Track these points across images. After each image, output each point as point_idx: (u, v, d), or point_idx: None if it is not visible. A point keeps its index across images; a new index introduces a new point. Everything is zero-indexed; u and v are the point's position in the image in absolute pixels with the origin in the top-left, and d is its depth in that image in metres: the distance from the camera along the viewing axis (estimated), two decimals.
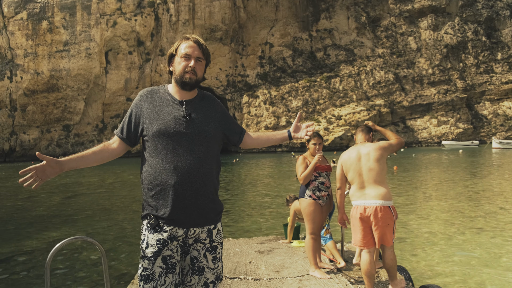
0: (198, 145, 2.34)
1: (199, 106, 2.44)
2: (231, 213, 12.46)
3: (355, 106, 76.84)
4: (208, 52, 2.46)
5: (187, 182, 2.28)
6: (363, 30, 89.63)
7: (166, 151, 2.29)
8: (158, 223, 2.28)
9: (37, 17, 71.22)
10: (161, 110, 2.36)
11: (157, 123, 2.32)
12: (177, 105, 2.39)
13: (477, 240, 8.42)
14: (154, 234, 2.28)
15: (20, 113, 69.69)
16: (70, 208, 14.59)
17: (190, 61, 2.37)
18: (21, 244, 9.23)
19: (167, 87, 2.49)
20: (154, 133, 2.31)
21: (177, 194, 2.26)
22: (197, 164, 2.31)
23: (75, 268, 7.29)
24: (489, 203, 12.73)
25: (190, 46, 2.38)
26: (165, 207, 2.27)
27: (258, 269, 5.16)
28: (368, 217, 4.09)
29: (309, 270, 4.94)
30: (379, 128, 4.72)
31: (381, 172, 4.20)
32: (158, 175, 2.29)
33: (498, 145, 57.81)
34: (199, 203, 2.32)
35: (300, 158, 4.92)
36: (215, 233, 2.42)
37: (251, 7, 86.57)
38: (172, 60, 2.47)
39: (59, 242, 3.19)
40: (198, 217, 2.33)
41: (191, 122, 2.35)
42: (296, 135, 2.69)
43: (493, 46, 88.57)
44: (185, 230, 2.31)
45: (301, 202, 4.87)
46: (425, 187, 17.60)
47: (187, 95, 2.44)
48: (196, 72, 2.38)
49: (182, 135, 2.31)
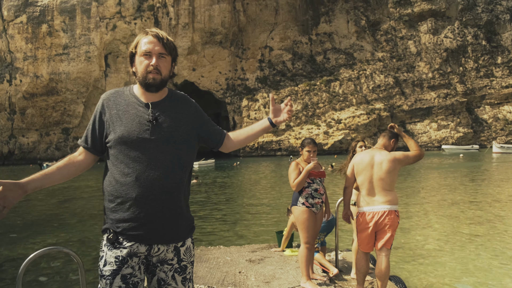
0: (165, 153, 2.10)
1: (168, 108, 2.18)
2: (227, 219, 12.28)
3: (355, 110, 76.70)
4: (172, 45, 2.19)
5: (151, 195, 2.05)
6: (363, 34, 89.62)
7: (128, 159, 2.06)
8: (117, 238, 2.07)
9: (37, 20, 71.22)
10: (124, 114, 2.12)
11: (119, 129, 2.09)
12: (143, 108, 2.14)
13: (476, 249, 8.23)
14: (112, 250, 2.07)
15: (19, 116, 69.60)
16: (65, 213, 14.41)
17: (151, 59, 2.11)
18: (16, 249, 9.04)
19: (132, 88, 2.24)
20: (116, 140, 2.08)
21: (139, 208, 2.04)
22: (163, 175, 2.07)
23: (53, 279, 7.06)
24: (489, 211, 12.54)
25: (150, 42, 2.12)
26: (124, 222, 2.06)
27: (248, 279, 4.97)
28: (376, 222, 4.16)
29: (300, 282, 4.74)
30: (403, 134, 4.59)
31: (391, 183, 4.25)
32: (119, 186, 2.07)
33: (499, 149, 57.55)
34: (165, 217, 2.09)
35: (292, 164, 4.73)
36: (184, 252, 2.19)
37: (250, 10, 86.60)
38: (133, 60, 2.20)
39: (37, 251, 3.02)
40: (163, 233, 2.10)
41: (158, 127, 2.10)
42: (278, 119, 2.38)
43: (493, 50, 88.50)
44: (148, 247, 2.09)
45: (294, 210, 4.69)
46: (424, 193, 17.42)
47: (154, 96, 2.19)
48: (160, 70, 2.12)
49: (147, 142, 2.07)
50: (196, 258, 5.97)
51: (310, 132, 73.10)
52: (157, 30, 2.17)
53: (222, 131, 2.43)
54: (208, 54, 80.00)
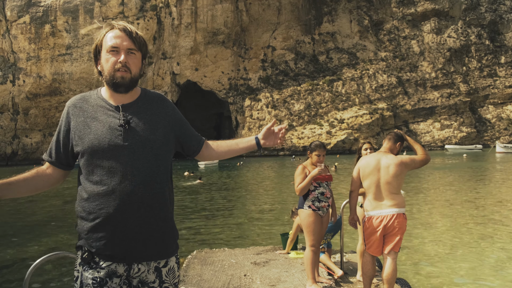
0: (142, 159, 1.87)
1: (141, 110, 1.95)
2: (231, 220, 12.27)
3: (358, 110, 76.59)
4: (142, 40, 1.94)
5: (128, 209, 1.84)
6: (366, 33, 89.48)
7: (101, 170, 1.85)
8: (92, 257, 1.86)
9: (40, 20, 71.42)
10: (93, 120, 1.89)
11: (88, 137, 1.86)
12: (113, 112, 1.91)
13: (481, 250, 8.18)
14: (89, 271, 1.86)
15: (22, 117, 69.82)
16: (68, 214, 14.43)
17: (119, 55, 1.87)
18: (19, 251, 9.06)
19: (100, 91, 2.00)
20: (86, 150, 1.86)
21: (115, 224, 1.84)
22: (141, 184, 1.85)
23: (59, 283, 7.06)
24: (494, 212, 12.48)
25: (117, 36, 1.88)
26: (99, 240, 1.85)
27: (253, 283, 4.95)
28: (385, 226, 4.14)
29: (306, 285, 4.72)
30: (408, 139, 4.57)
31: (398, 186, 4.25)
32: (92, 200, 1.85)
33: (502, 149, 57.34)
34: (144, 233, 1.88)
35: (299, 167, 4.70)
36: (166, 272, 1.95)
37: (253, 10, 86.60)
38: (98, 57, 1.94)
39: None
40: (143, 250, 1.88)
41: (131, 132, 1.87)
42: (267, 143, 2.17)
43: (496, 49, 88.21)
44: (127, 267, 1.88)
45: (300, 213, 4.67)
46: (428, 193, 17.36)
47: (125, 98, 1.94)
48: (129, 68, 1.88)
49: (120, 149, 1.84)
50: (200, 260, 5.95)
51: (313, 132, 73.03)
52: (125, 23, 1.94)
53: (200, 137, 2.21)
54: (211, 54, 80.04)
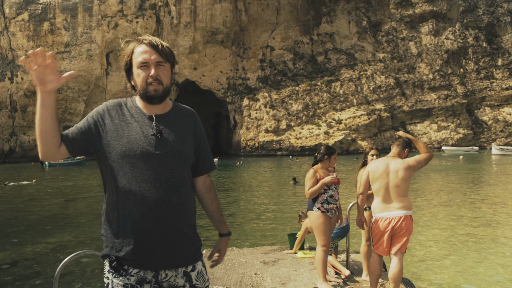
0: (170, 169, 1.95)
1: (172, 122, 2.04)
2: (235, 219, 12.42)
3: (356, 111, 76.84)
4: (169, 51, 2.00)
5: (155, 215, 1.91)
6: (364, 34, 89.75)
7: (130, 176, 1.91)
8: (121, 265, 1.92)
9: (39, 18, 71.24)
10: (127, 126, 1.97)
11: (121, 142, 1.93)
12: (147, 121, 1.99)
13: (484, 250, 8.38)
14: (119, 278, 1.92)
15: (20, 114, 69.63)
16: (71, 212, 14.55)
17: (149, 69, 1.95)
18: (24, 249, 9.18)
19: (135, 100, 2.08)
20: (118, 154, 1.92)
21: (143, 230, 1.91)
22: (168, 193, 1.93)
23: (80, 278, 7.23)
24: (492, 213, 12.69)
25: (145, 51, 1.96)
26: (127, 246, 1.91)
27: (264, 281, 5.13)
28: (393, 227, 4.33)
29: (316, 283, 4.91)
30: (411, 138, 4.79)
31: (406, 189, 4.45)
32: (120, 205, 1.92)
33: (498, 151, 57.73)
34: (170, 240, 1.95)
35: (310, 171, 4.88)
36: (195, 276, 2.03)
37: (252, 10, 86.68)
38: (130, 73, 2.04)
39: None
40: (169, 257, 1.95)
41: (162, 141, 1.95)
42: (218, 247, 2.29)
43: (493, 52, 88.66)
44: (154, 273, 1.95)
45: (310, 215, 4.88)
46: (426, 195, 17.56)
47: (158, 109, 2.03)
48: (161, 80, 1.97)
49: (152, 157, 1.92)
50: None
51: (311, 132, 73.26)
52: (150, 37, 2.02)
53: (213, 164, 2.26)
54: (210, 53, 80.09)
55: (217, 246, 2.30)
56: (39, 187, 23.42)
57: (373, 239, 4.53)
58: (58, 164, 48.69)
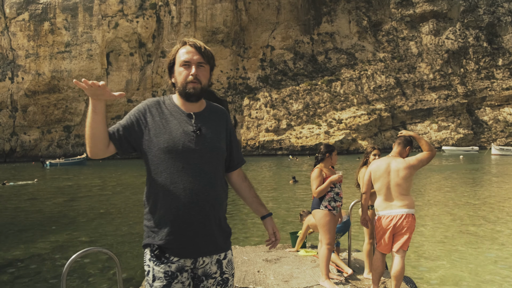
0: (208, 163, 2.10)
1: (208, 120, 2.20)
2: (237, 218, 12.46)
3: (356, 110, 76.90)
4: (210, 54, 2.17)
5: (196, 206, 2.05)
6: (365, 34, 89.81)
7: (173, 169, 2.05)
8: (163, 253, 2.05)
9: (39, 18, 71.32)
10: (168, 123, 2.11)
11: (163, 138, 2.07)
12: (186, 118, 2.14)
13: (483, 249, 8.43)
14: (160, 266, 2.05)
15: (21, 114, 69.73)
16: (73, 211, 14.59)
17: (190, 68, 2.11)
18: (28, 247, 9.23)
19: (172, 98, 2.23)
20: (161, 149, 2.06)
21: (184, 220, 2.04)
22: (207, 185, 2.08)
23: (86, 276, 7.28)
24: (493, 212, 12.74)
25: (188, 52, 2.12)
26: (169, 235, 2.04)
27: (267, 278, 5.17)
28: (394, 225, 4.38)
29: (319, 280, 4.95)
30: (414, 135, 4.80)
31: (407, 188, 4.49)
32: (163, 196, 2.05)
33: (498, 151, 57.77)
34: (207, 229, 2.10)
35: (316, 170, 4.94)
36: (226, 264, 2.19)
37: (252, 10, 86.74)
38: (172, 71, 2.19)
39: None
40: (207, 245, 2.11)
41: (201, 138, 2.10)
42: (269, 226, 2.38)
43: (494, 52, 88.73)
44: (193, 260, 2.10)
45: (316, 213, 4.92)
46: (426, 195, 17.61)
47: (195, 107, 2.19)
48: (199, 79, 2.12)
49: (192, 152, 2.06)
50: None
51: (311, 132, 73.31)
52: (195, 40, 2.17)
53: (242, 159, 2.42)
54: None
55: (269, 228, 2.39)
56: (40, 187, 23.48)
57: (376, 236, 4.60)
58: (59, 164, 48.82)
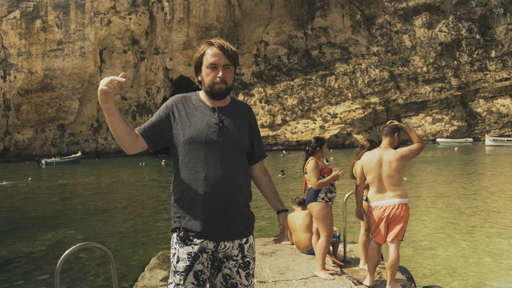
0: (230, 154, 2.26)
1: (231, 114, 2.35)
2: None
3: (351, 104, 77.04)
4: (235, 55, 2.30)
5: (217, 193, 2.20)
6: (358, 28, 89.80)
7: (197, 159, 2.22)
8: (187, 236, 2.22)
9: (31, 16, 70.71)
10: (193, 116, 2.29)
11: (188, 130, 2.24)
12: (210, 112, 2.30)
13: (477, 239, 8.50)
14: (184, 247, 2.23)
15: (14, 113, 69.24)
16: (68, 209, 14.54)
17: (218, 71, 2.25)
18: (24, 245, 9.20)
19: (199, 94, 2.40)
20: (186, 141, 2.24)
21: (207, 206, 2.20)
22: (228, 174, 2.23)
23: (81, 272, 7.27)
24: (487, 202, 12.83)
25: (215, 54, 2.25)
26: (194, 219, 2.22)
27: (263, 271, 5.19)
28: (388, 215, 4.43)
29: (314, 271, 4.98)
30: (403, 126, 4.85)
31: (399, 179, 4.54)
32: (187, 185, 2.23)
33: (491, 142, 58.20)
34: (228, 215, 2.24)
35: (312, 162, 4.95)
36: (247, 248, 2.33)
37: (246, 5, 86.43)
38: (199, 70, 2.34)
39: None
40: (228, 230, 2.25)
41: (224, 130, 2.26)
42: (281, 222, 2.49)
43: (487, 44, 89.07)
44: (216, 244, 2.24)
45: (314, 206, 4.94)
46: (421, 186, 17.70)
47: (219, 102, 2.35)
48: (225, 80, 2.27)
49: (214, 143, 2.23)
50: None
51: (306, 127, 73.40)
52: (221, 40, 2.28)
53: (264, 152, 2.55)
54: None
55: (281, 222, 2.51)
56: (34, 185, 23.37)
57: (371, 227, 4.65)
58: (55, 163, 48.60)
